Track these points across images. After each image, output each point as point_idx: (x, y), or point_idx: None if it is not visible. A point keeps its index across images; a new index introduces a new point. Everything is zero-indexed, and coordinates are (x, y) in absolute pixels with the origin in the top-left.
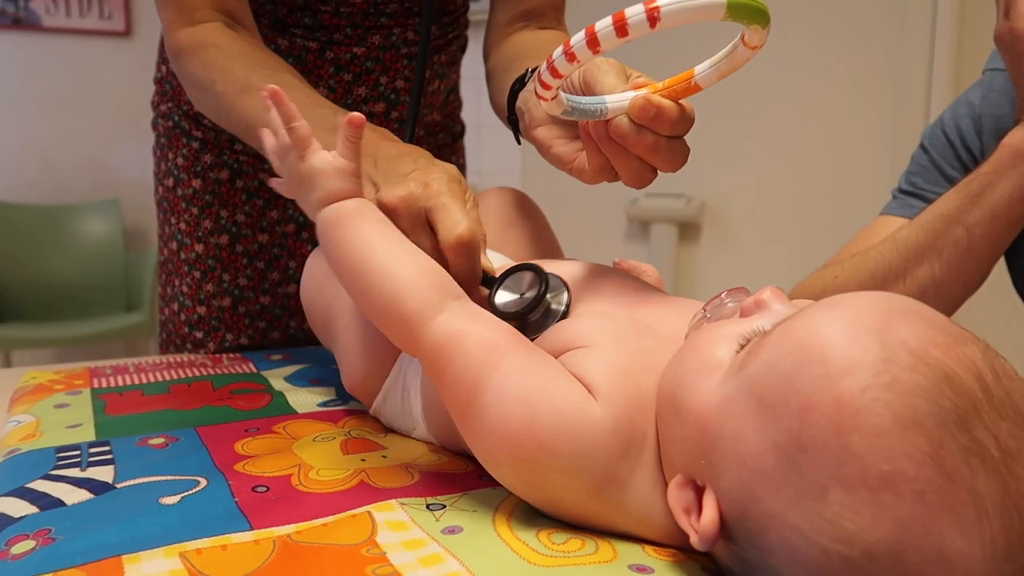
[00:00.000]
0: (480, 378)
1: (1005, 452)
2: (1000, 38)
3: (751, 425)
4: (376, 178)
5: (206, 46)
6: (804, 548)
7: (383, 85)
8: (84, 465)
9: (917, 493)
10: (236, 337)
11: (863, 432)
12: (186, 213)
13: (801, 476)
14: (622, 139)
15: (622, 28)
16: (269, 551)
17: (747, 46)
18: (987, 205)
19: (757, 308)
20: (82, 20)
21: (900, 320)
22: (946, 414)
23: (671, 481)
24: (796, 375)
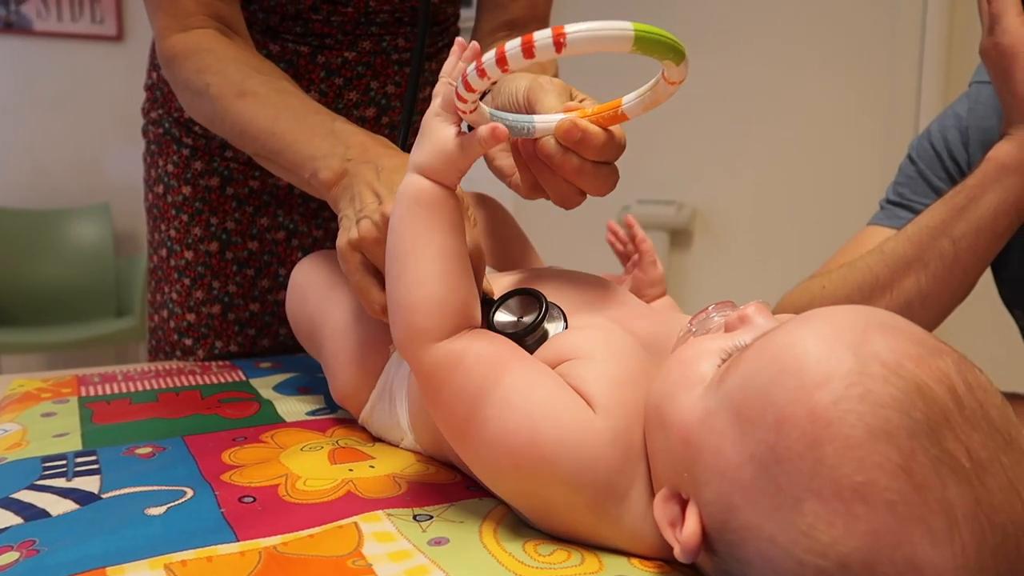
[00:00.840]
0: (482, 392)
1: (976, 463)
2: (985, 53)
3: (730, 438)
4: (379, 188)
5: (200, 51)
6: (780, 559)
7: (374, 90)
8: (70, 475)
9: (888, 504)
10: (226, 344)
11: (836, 444)
12: (176, 220)
13: (777, 488)
14: (547, 159)
15: (528, 50)
16: (255, 563)
17: (667, 81)
18: (973, 218)
19: (741, 323)
20: (74, 24)
21: (875, 333)
22: (917, 426)
23: (657, 494)
24: (772, 388)
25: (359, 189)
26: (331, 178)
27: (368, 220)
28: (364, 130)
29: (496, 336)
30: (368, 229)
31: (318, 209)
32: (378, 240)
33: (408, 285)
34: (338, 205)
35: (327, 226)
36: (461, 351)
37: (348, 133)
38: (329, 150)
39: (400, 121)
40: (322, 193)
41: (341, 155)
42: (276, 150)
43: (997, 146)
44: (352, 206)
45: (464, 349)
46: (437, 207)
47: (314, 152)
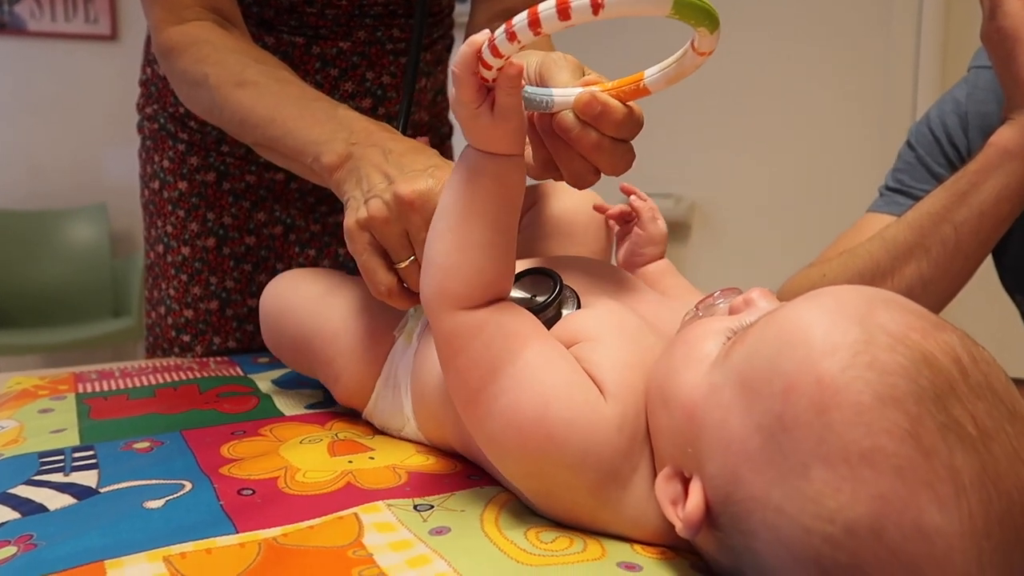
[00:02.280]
0: (498, 363)
1: (982, 431)
2: (987, 37)
3: (736, 410)
4: (388, 169)
5: (198, 42)
6: (786, 528)
7: (369, 81)
8: (68, 470)
9: (896, 469)
10: (224, 340)
11: (844, 410)
12: (172, 216)
13: (784, 456)
14: (565, 133)
15: (564, 12)
16: (254, 554)
17: (696, 52)
18: (975, 203)
19: (745, 306)
20: (67, 24)
21: (880, 308)
22: (924, 392)
23: (659, 474)
24: (778, 358)
25: (367, 171)
26: (335, 161)
27: (379, 199)
28: (367, 117)
29: (521, 310)
30: (378, 208)
31: (315, 204)
32: (387, 220)
33: (451, 247)
34: (342, 188)
35: (324, 220)
36: (483, 320)
37: (352, 118)
38: (332, 134)
39: (399, 111)
40: (324, 178)
41: (345, 139)
42: (276, 137)
43: (999, 131)
44: (360, 187)
45: (487, 319)
46: (502, 178)
47: (316, 137)
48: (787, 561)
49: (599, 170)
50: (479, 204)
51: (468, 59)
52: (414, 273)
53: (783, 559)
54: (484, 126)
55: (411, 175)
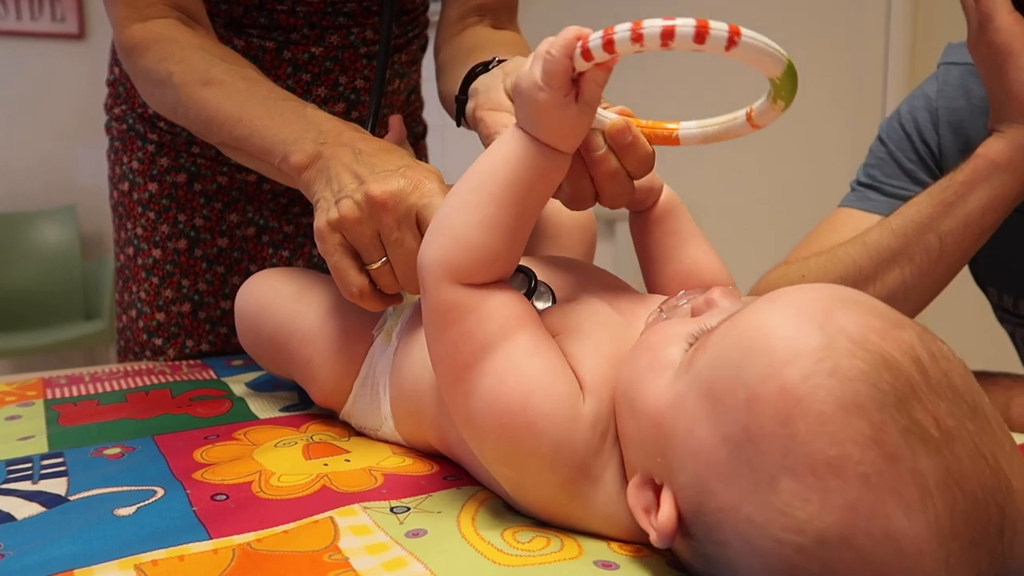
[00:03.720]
0: (490, 342)
1: (944, 431)
2: (976, 50)
3: (702, 420)
4: (359, 169)
5: (162, 39)
6: (758, 539)
7: (343, 85)
8: (36, 478)
9: (862, 476)
10: (197, 343)
11: (808, 420)
12: (143, 218)
13: (752, 467)
14: (589, 153)
15: (701, 36)
16: (228, 560)
17: (752, 123)
18: (960, 214)
19: (707, 307)
20: (34, 23)
21: (839, 309)
22: (885, 397)
23: (631, 481)
24: (742, 367)
25: (337, 171)
26: (303, 161)
27: (349, 200)
28: (336, 117)
29: (518, 296)
30: (349, 208)
31: (288, 205)
32: (359, 220)
33: (474, 223)
34: (311, 188)
35: (297, 221)
36: (483, 298)
37: (321, 118)
38: (300, 134)
39: (368, 112)
40: (293, 178)
41: (314, 138)
42: (243, 136)
43: (987, 143)
44: (329, 187)
45: (486, 297)
46: (550, 174)
47: (285, 136)
48: (760, 570)
49: (598, 198)
50: (518, 192)
51: (570, 43)
52: (386, 274)
53: (756, 568)
54: (566, 117)
55: (382, 175)
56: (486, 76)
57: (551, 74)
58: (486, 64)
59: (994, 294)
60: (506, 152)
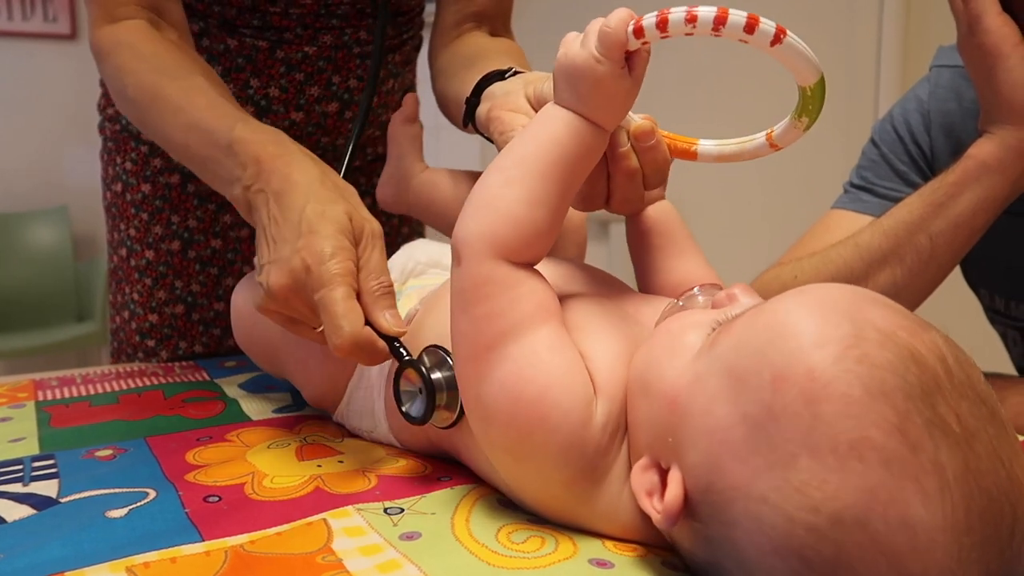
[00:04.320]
0: (516, 327)
1: (966, 429)
2: (966, 52)
3: (722, 398)
4: (270, 241)
5: (120, 46)
6: (769, 517)
7: (336, 84)
8: (27, 480)
9: (883, 462)
10: (190, 345)
11: (833, 401)
12: (136, 219)
13: (770, 445)
14: (611, 148)
15: (751, 27)
16: (221, 562)
17: (771, 144)
18: (951, 215)
19: (728, 301)
20: (25, 23)
21: (868, 305)
22: (912, 389)
23: (635, 464)
24: (768, 349)
25: (258, 234)
26: (244, 208)
27: (262, 288)
28: (261, 131)
29: (548, 284)
30: (263, 300)
31: None
32: (278, 308)
33: (520, 197)
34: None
35: None
36: (521, 279)
37: (243, 145)
38: (231, 172)
39: (359, 113)
40: (245, 219)
41: (242, 181)
42: (197, 166)
43: (977, 144)
44: (257, 255)
45: (524, 278)
46: (594, 151)
47: (224, 174)
48: (767, 552)
49: (610, 200)
50: (564, 169)
51: (625, 19)
52: None
53: (764, 550)
54: (620, 90)
55: (279, 263)
56: (503, 83)
57: (610, 46)
58: (502, 72)
59: (985, 296)
60: (553, 130)
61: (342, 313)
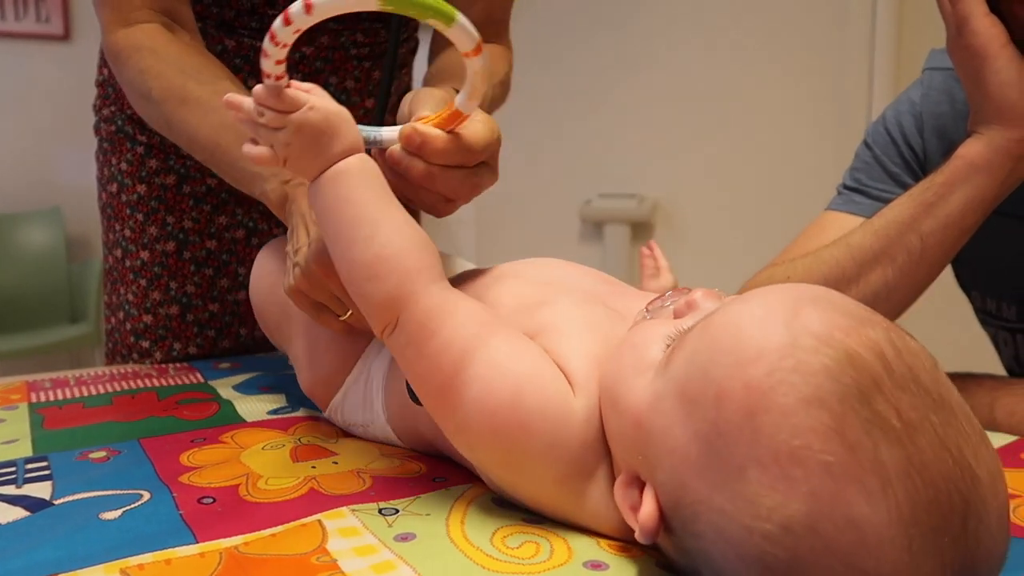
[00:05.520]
0: (470, 349)
1: (906, 423)
2: (954, 53)
3: (677, 419)
4: (310, 225)
5: (142, 50)
6: (730, 529)
7: (332, 86)
8: (20, 482)
9: (824, 465)
10: (184, 346)
11: (771, 413)
12: (131, 219)
13: (722, 461)
14: (395, 165)
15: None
16: (215, 564)
17: (463, 55)
18: (941, 215)
19: (688, 309)
20: (18, 23)
21: (806, 308)
22: (847, 391)
23: (617, 479)
24: (711, 366)
25: (296, 221)
26: (277, 200)
27: (299, 268)
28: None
29: (480, 302)
30: (299, 278)
31: None
32: (311, 288)
33: (389, 235)
34: (288, 230)
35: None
36: (456, 301)
37: None
38: (268, 169)
39: (376, 108)
40: (275, 213)
41: (280, 176)
42: (225, 164)
43: (966, 144)
44: (292, 241)
45: (459, 300)
46: (378, 174)
47: (258, 170)
48: (734, 560)
49: (448, 198)
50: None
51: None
52: (359, 321)
53: (730, 558)
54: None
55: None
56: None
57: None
58: None
59: (977, 298)
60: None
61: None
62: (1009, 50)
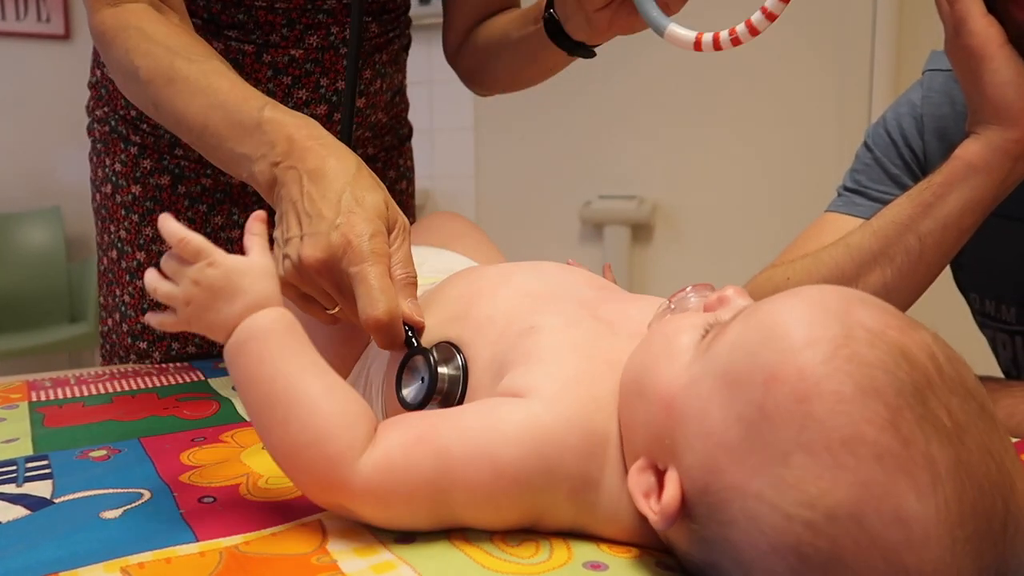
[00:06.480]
0: (430, 471)
1: (957, 424)
2: (952, 54)
3: (716, 401)
4: (301, 215)
5: (128, 29)
6: (766, 515)
7: (324, 87)
8: (20, 481)
9: (876, 456)
10: (183, 346)
11: (825, 399)
12: (126, 220)
13: (765, 445)
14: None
15: None
16: (215, 563)
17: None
18: (939, 215)
19: (720, 304)
20: (19, 23)
21: (858, 305)
22: (903, 385)
23: (632, 466)
24: (760, 350)
25: (285, 207)
26: (265, 183)
27: (288, 260)
28: (293, 116)
29: (400, 416)
30: (288, 270)
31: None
32: (301, 281)
33: (304, 420)
34: (277, 213)
35: None
36: (385, 452)
37: (275, 125)
38: (257, 150)
39: (342, 109)
40: (264, 195)
41: (269, 157)
42: (212, 145)
43: (964, 145)
44: (281, 229)
45: (386, 449)
46: (292, 327)
47: (246, 151)
48: (765, 550)
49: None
50: (292, 364)
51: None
52: (348, 316)
53: (761, 548)
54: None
55: (315, 235)
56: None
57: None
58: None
59: (976, 299)
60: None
61: (381, 288)
62: (1007, 50)
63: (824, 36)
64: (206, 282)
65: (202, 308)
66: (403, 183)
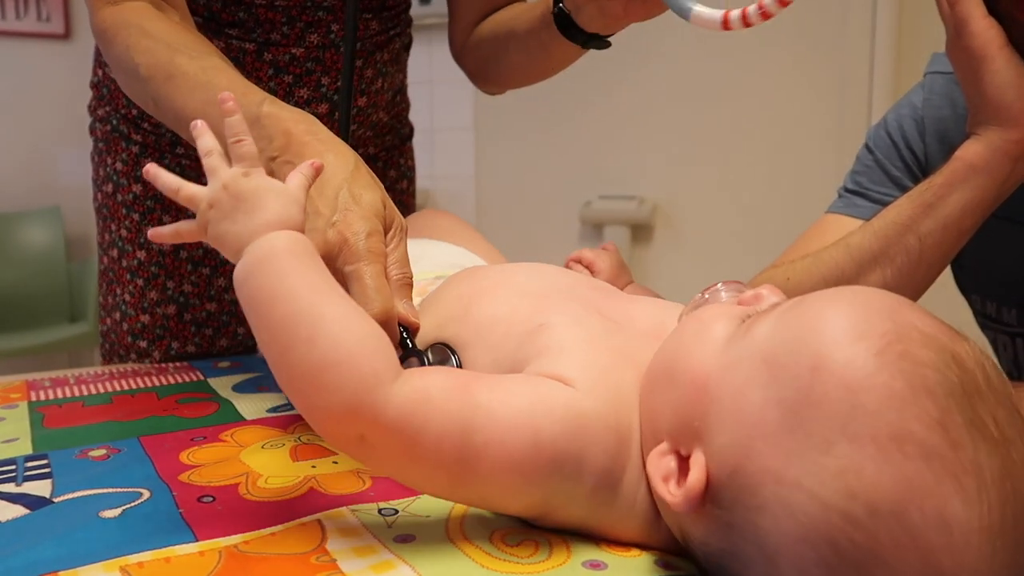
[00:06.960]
0: (466, 420)
1: (1003, 434)
2: (953, 56)
3: (756, 382)
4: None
5: (129, 26)
6: (802, 503)
7: (325, 86)
8: (20, 480)
9: (924, 456)
10: (183, 345)
11: (876, 392)
12: (127, 219)
13: (806, 430)
14: None
15: None
16: (215, 563)
17: None
18: (940, 216)
19: (755, 300)
20: (19, 22)
21: (908, 309)
22: (954, 387)
23: (652, 450)
24: (809, 337)
25: None
26: None
27: None
28: (291, 111)
29: (433, 367)
30: None
31: None
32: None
33: (336, 336)
34: None
35: None
36: (424, 386)
37: (273, 120)
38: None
39: (339, 106)
40: None
41: (266, 152)
42: None
43: (965, 145)
44: None
45: (425, 384)
46: (313, 252)
47: None
48: (794, 538)
49: None
50: (322, 285)
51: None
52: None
53: (791, 536)
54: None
55: (311, 233)
56: None
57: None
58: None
59: (977, 301)
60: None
61: (377, 287)
62: (1007, 52)
63: (824, 38)
64: (235, 188)
65: (222, 215)
66: (404, 182)
